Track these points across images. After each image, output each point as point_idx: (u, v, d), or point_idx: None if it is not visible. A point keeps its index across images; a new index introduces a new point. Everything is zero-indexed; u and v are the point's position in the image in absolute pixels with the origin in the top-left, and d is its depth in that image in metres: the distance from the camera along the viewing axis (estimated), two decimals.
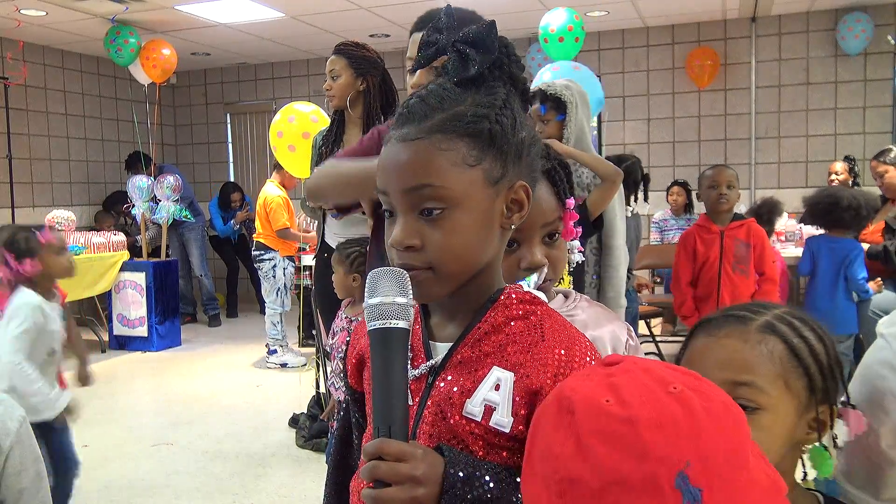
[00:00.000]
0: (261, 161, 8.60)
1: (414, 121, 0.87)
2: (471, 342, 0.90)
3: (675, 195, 6.30)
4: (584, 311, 1.33)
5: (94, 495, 3.36)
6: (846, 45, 6.69)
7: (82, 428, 4.24)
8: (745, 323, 0.93)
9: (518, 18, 6.73)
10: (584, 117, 3.05)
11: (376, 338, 0.83)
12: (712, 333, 0.95)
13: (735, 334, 0.93)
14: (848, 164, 6.18)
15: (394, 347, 0.82)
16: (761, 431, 0.88)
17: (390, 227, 0.89)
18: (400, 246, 0.87)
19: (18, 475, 1.21)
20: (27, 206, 7.21)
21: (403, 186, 0.87)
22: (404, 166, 0.87)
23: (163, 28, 6.79)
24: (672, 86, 7.33)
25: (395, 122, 0.90)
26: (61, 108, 7.63)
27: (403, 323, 0.82)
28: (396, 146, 0.88)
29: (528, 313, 0.91)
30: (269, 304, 5.75)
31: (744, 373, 0.90)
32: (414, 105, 0.88)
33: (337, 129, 2.98)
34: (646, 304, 5.39)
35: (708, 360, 0.92)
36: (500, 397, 0.86)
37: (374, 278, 0.84)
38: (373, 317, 0.83)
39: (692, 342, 0.99)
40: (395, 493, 0.76)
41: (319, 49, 7.90)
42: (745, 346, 0.91)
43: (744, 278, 3.44)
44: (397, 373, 0.81)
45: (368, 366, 0.97)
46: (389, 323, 0.82)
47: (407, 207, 0.87)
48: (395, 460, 0.77)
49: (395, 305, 0.82)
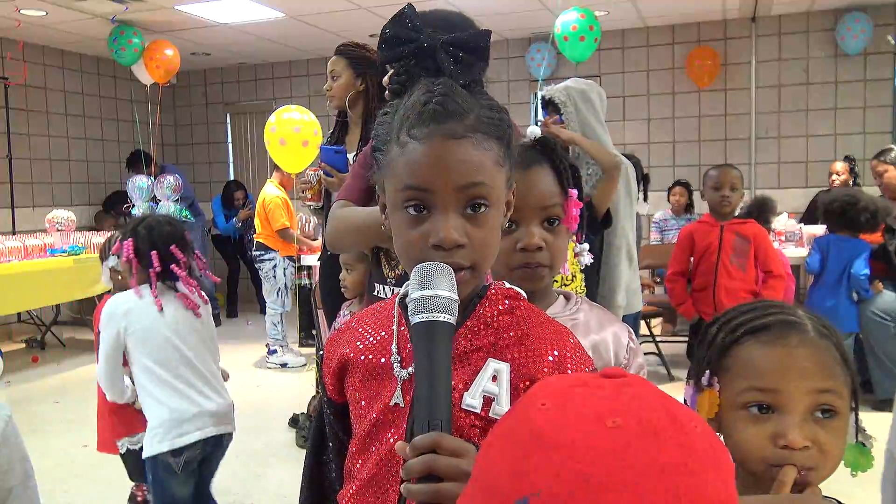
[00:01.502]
0: (261, 161, 8.60)
1: (454, 118, 0.87)
2: (465, 337, 0.91)
3: (678, 195, 6.30)
4: (585, 314, 1.33)
5: (94, 495, 3.36)
6: (846, 45, 6.69)
7: (82, 428, 4.24)
8: (804, 329, 0.92)
9: (518, 18, 6.73)
10: (589, 114, 3.07)
11: (422, 330, 0.81)
12: (777, 343, 0.91)
13: (808, 342, 0.91)
14: (848, 164, 6.18)
15: (441, 340, 0.81)
16: (840, 436, 0.90)
17: (418, 224, 0.87)
18: (451, 244, 0.86)
19: (6, 475, 1.19)
20: (27, 206, 7.21)
21: (456, 183, 0.86)
22: (458, 163, 0.86)
23: (163, 28, 6.79)
24: (672, 86, 7.33)
25: (421, 117, 0.87)
26: (61, 108, 7.63)
27: (451, 318, 0.82)
28: (442, 143, 0.86)
29: (512, 307, 0.93)
30: (270, 304, 5.76)
31: (828, 379, 0.90)
32: (447, 102, 0.87)
33: (339, 132, 2.98)
34: (645, 303, 5.39)
35: (785, 370, 0.90)
36: (498, 388, 0.87)
37: (427, 271, 0.83)
38: (420, 310, 0.82)
39: (738, 351, 0.93)
40: (453, 488, 0.74)
41: (319, 49, 7.89)
42: (818, 353, 0.91)
43: (740, 272, 3.45)
44: (444, 367, 0.80)
45: (352, 373, 0.96)
46: (439, 316, 0.81)
47: (454, 205, 0.86)
48: (451, 455, 0.76)
49: (446, 300, 0.82)
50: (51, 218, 6.04)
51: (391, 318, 0.96)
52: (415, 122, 0.88)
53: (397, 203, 0.89)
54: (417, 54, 0.95)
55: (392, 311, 0.97)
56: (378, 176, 0.94)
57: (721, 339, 0.95)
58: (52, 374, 5.64)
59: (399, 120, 0.90)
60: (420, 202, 0.87)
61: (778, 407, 0.89)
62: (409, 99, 0.91)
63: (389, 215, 0.92)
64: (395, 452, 0.89)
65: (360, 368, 0.95)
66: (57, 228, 5.95)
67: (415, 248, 0.87)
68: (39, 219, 6.55)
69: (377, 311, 1.01)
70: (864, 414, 0.98)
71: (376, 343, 0.95)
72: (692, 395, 0.97)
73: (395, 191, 0.89)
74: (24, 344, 6.65)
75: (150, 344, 2.28)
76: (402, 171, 0.88)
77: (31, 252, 5.55)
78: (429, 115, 0.87)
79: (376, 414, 0.92)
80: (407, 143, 0.87)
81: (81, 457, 3.80)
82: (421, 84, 0.92)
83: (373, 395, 0.93)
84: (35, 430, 4.21)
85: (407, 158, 0.87)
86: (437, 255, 0.86)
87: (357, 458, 0.94)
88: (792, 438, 0.87)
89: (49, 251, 5.70)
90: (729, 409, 0.92)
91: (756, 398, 0.90)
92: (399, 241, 0.91)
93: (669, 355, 5.26)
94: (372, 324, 0.98)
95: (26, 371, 5.72)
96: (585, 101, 3.09)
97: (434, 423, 0.77)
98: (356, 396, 0.96)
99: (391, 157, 0.90)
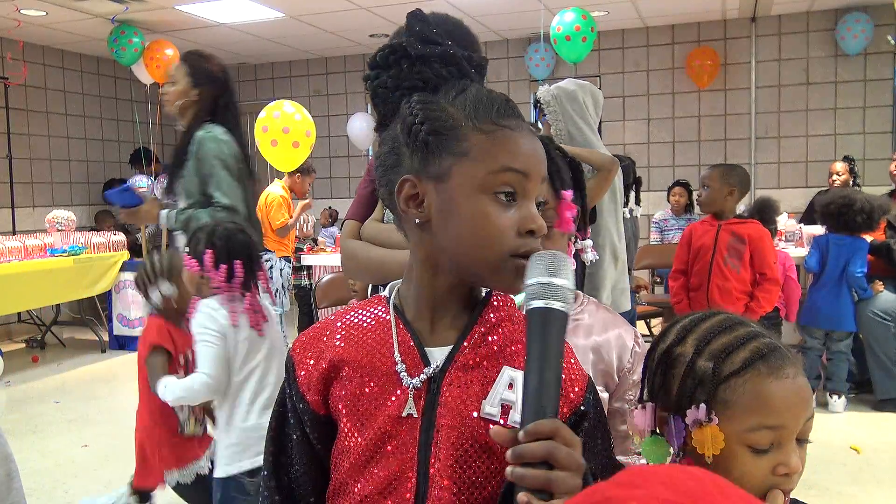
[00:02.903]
0: (261, 161, 8.59)
1: (521, 116, 0.90)
2: (472, 344, 0.89)
3: (677, 195, 6.31)
4: (590, 315, 1.31)
5: (94, 495, 3.36)
6: (846, 45, 6.69)
7: (82, 428, 4.25)
8: (788, 352, 0.93)
9: (518, 18, 6.73)
10: (577, 115, 3.06)
11: (537, 316, 0.80)
12: (781, 376, 0.90)
13: (799, 371, 0.92)
14: (848, 165, 6.18)
15: (556, 328, 0.80)
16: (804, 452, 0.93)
17: (507, 210, 0.86)
18: (544, 231, 0.87)
19: None
20: (27, 206, 7.21)
21: (543, 174, 0.89)
22: (543, 157, 0.90)
23: (163, 28, 6.79)
24: (672, 86, 7.33)
25: (506, 110, 0.89)
26: (61, 108, 7.63)
27: (567, 308, 0.82)
28: (530, 136, 0.89)
29: (510, 314, 0.93)
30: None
31: (812, 406, 0.93)
32: (511, 102, 0.91)
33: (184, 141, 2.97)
34: (645, 303, 5.39)
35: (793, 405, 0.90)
36: (515, 396, 0.86)
37: (554, 259, 0.82)
38: (539, 295, 0.81)
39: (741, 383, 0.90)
40: (567, 478, 0.74)
41: (319, 49, 7.90)
42: (804, 377, 0.93)
43: (734, 272, 3.45)
44: (556, 355, 0.79)
45: (341, 379, 0.91)
46: (556, 304, 0.80)
47: (536, 194, 0.88)
48: (566, 445, 0.75)
49: (566, 289, 0.81)
50: (51, 218, 6.04)
51: (381, 320, 0.93)
52: (501, 112, 0.88)
53: (485, 187, 0.86)
54: (445, 57, 0.96)
55: (380, 313, 0.94)
56: (433, 163, 0.88)
57: (712, 369, 0.91)
58: (52, 374, 5.64)
59: (470, 109, 0.88)
60: (514, 188, 0.86)
61: (783, 440, 0.89)
62: (470, 93, 0.89)
63: (462, 202, 0.87)
64: (403, 465, 0.87)
65: (354, 378, 0.91)
66: (57, 228, 5.96)
67: (506, 234, 0.85)
68: (39, 219, 6.55)
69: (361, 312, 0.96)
70: (865, 414, 0.98)
71: (370, 349, 0.91)
72: (681, 430, 0.93)
73: (486, 174, 0.85)
74: (24, 344, 6.65)
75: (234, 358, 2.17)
76: (495, 155, 0.86)
77: (31, 252, 5.55)
78: (513, 110, 0.89)
79: (380, 426, 0.88)
80: (496, 130, 0.87)
81: (81, 457, 3.80)
82: (473, 84, 0.92)
83: (373, 405, 0.89)
84: (35, 430, 4.21)
85: (502, 142, 0.86)
86: (528, 242, 0.85)
87: (358, 473, 0.90)
88: (793, 466, 0.88)
89: (49, 251, 5.71)
90: (730, 443, 0.90)
91: (767, 437, 0.89)
92: (482, 227, 0.85)
93: None
94: (359, 327, 0.94)
95: (26, 371, 5.72)
96: (573, 101, 3.08)
97: (541, 413, 0.76)
98: (351, 408, 0.91)
99: (471, 143, 0.86)
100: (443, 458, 0.86)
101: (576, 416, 0.89)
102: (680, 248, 3.74)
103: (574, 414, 0.89)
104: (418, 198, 0.89)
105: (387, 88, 0.94)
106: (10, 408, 4.72)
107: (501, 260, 0.85)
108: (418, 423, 0.87)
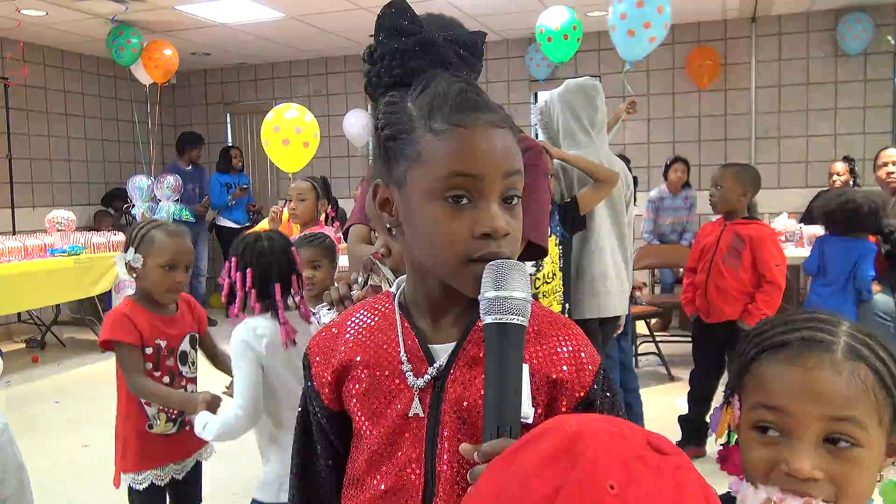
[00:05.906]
0: (260, 161, 8.60)
1: (489, 110, 0.86)
2: (475, 340, 0.88)
3: (679, 172, 6.26)
4: None
5: (94, 495, 3.36)
6: (846, 45, 6.69)
7: (82, 428, 4.24)
8: (830, 349, 0.84)
9: (518, 18, 6.73)
10: (571, 120, 3.05)
11: (493, 332, 0.79)
12: (795, 363, 0.84)
13: (825, 364, 0.83)
14: (848, 165, 6.17)
15: (513, 344, 0.79)
16: (861, 470, 0.82)
17: (460, 215, 0.83)
18: (502, 233, 0.83)
19: (1, 484, 1.18)
20: (27, 206, 7.21)
21: (504, 171, 0.83)
22: (506, 151, 0.84)
23: (163, 28, 6.79)
24: (672, 86, 7.33)
25: (461, 105, 0.84)
26: (61, 108, 7.63)
27: (523, 320, 0.80)
28: (490, 131, 0.84)
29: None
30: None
31: (844, 408, 0.81)
32: (478, 95, 0.86)
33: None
34: (645, 303, 5.39)
35: (796, 392, 0.83)
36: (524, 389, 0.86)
37: (502, 270, 0.80)
38: (492, 310, 0.79)
39: (757, 367, 0.88)
40: None
41: (319, 49, 7.90)
42: (840, 379, 0.82)
43: (732, 272, 3.44)
44: (515, 371, 0.79)
45: (354, 381, 0.92)
46: (512, 319, 0.79)
47: (498, 193, 0.84)
48: None
49: (520, 301, 0.79)
50: (51, 218, 6.03)
51: (388, 319, 0.94)
52: (454, 109, 0.83)
53: (435, 192, 0.83)
54: (420, 46, 0.92)
55: (387, 312, 0.94)
56: (394, 168, 0.87)
57: (745, 355, 0.90)
58: (52, 374, 5.64)
59: (425, 107, 0.85)
60: (465, 191, 0.82)
61: (786, 431, 0.83)
62: (430, 88, 0.86)
63: (417, 208, 0.85)
64: (413, 463, 0.88)
65: (364, 377, 0.92)
66: (57, 228, 5.95)
67: (457, 240, 0.82)
68: (39, 219, 6.54)
69: (370, 311, 0.97)
70: None
71: (378, 348, 0.92)
72: (717, 412, 0.93)
73: (434, 179, 0.83)
74: (24, 344, 6.64)
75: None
76: (443, 158, 0.82)
77: (31, 252, 5.55)
78: (470, 104, 0.84)
79: (391, 424, 0.89)
80: (446, 130, 0.83)
81: (81, 457, 3.80)
82: (440, 75, 0.88)
83: (383, 403, 0.90)
84: (35, 430, 4.21)
85: (451, 145, 0.82)
86: (484, 245, 0.82)
87: (372, 469, 0.91)
88: (796, 466, 0.80)
89: (49, 251, 5.70)
90: (744, 426, 0.88)
91: (763, 416, 0.84)
92: (433, 233, 0.84)
93: (669, 356, 5.26)
94: (368, 326, 0.95)
95: (26, 371, 5.72)
96: (567, 107, 3.06)
97: (503, 429, 0.76)
98: (363, 405, 0.92)
99: (422, 146, 0.84)
100: (449, 455, 0.87)
101: (582, 407, 0.89)
102: (693, 246, 3.78)
103: (580, 404, 0.89)
104: (388, 203, 0.90)
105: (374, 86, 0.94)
106: (10, 408, 4.71)
107: (457, 265, 0.83)
108: (425, 421, 0.88)
